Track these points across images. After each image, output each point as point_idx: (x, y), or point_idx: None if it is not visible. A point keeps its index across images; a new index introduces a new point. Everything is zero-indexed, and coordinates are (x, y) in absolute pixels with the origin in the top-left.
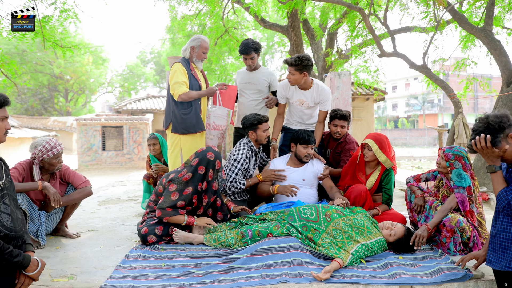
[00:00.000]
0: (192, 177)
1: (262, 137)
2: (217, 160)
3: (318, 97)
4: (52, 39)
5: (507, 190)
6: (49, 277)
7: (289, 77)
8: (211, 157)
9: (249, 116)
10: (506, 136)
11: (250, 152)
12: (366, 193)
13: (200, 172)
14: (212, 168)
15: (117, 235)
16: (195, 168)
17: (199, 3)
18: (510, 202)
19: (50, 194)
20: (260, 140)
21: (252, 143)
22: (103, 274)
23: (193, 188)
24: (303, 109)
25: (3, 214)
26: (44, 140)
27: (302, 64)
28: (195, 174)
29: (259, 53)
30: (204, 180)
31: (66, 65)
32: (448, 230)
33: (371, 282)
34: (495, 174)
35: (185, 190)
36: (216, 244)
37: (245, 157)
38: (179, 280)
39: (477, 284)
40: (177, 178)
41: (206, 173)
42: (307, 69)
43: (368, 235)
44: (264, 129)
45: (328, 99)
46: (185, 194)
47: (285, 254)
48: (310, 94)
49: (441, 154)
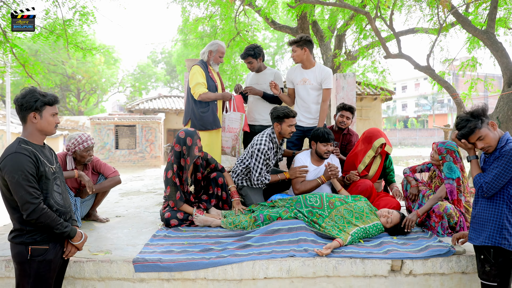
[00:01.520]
0: (172, 156)
1: (286, 131)
2: (188, 137)
3: (320, 75)
4: (74, 41)
5: (480, 175)
6: (88, 252)
7: (292, 55)
8: (182, 135)
9: (279, 107)
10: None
11: (272, 144)
12: (371, 188)
13: (177, 150)
14: (184, 144)
15: (142, 220)
16: (173, 147)
17: (212, 6)
18: (482, 185)
19: (85, 181)
20: (284, 133)
21: (276, 135)
22: (134, 250)
23: (177, 164)
24: (308, 89)
25: (55, 193)
26: (77, 135)
27: (302, 39)
28: (174, 152)
29: (260, 58)
30: (182, 157)
31: (78, 65)
32: (437, 215)
33: (367, 257)
34: (471, 163)
35: (173, 167)
36: (232, 227)
37: (267, 148)
38: (200, 254)
39: (459, 258)
40: (167, 164)
41: (181, 150)
42: (307, 45)
43: (366, 220)
44: (289, 123)
45: (329, 76)
46: (174, 171)
47: (293, 234)
48: (313, 73)
49: (435, 148)
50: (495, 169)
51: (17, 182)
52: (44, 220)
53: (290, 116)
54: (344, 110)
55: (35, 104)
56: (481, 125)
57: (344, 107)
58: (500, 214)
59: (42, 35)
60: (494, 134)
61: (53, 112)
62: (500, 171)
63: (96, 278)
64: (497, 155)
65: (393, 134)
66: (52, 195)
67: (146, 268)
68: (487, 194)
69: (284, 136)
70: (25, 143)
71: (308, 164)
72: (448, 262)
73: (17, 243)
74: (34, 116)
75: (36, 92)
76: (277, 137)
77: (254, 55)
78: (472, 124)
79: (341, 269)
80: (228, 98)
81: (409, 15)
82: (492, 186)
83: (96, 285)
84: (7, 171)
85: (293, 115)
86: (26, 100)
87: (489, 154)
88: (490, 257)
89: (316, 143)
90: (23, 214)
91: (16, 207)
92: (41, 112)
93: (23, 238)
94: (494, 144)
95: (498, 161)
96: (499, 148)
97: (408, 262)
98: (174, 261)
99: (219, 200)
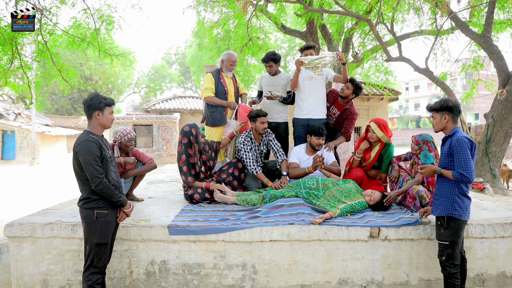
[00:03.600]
0: (181, 147)
1: (260, 128)
2: (192, 129)
3: (324, 72)
4: (103, 48)
5: (454, 171)
6: (132, 220)
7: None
8: (187, 129)
9: (252, 110)
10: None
11: (249, 138)
12: (363, 177)
13: (183, 142)
14: (192, 135)
15: (171, 200)
16: (180, 141)
17: (225, 8)
18: (461, 173)
19: (129, 162)
20: (258, 130)
21: (253, 131)
22: (167, 220)
23: (186, 154)
24: (314, 75)
25: (112, 172)
26: (122, 128)
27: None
28: (181, 144)
29: (278, 63)
30: (189, 146)
31: (96, 67)
32: (411, 196)
33: (351, 225)
34: (441, 173)
35: (182, 158)
36: (244, 203)
37: (243, 141)
38: (219, 222)
39: (425, 227)
40: (177, 155)
41: (189, 140)
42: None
43: (353, 198)
44: (261, 121)
45: (330, 70)
46: (183, 160)
47: (293, 209)
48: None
49: (413, 140)
50: (457, 159)
51: (88, 161)
52: (106, 191)
53: (261, 115)
54: (348, 83)
55: (99, 105)
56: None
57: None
58: (452, 192)
59: (75, 43)
60: (442, 122)
61: (111, 111)
62: (462, 158)
63: (139, 239)
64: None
65: (405, 134)
66: (110, 173)
67: (178, 232)
68: (472, 178)
69: (259, 131)
70: (91, 134)
71: (302, 155)
72: (416, 230)
73: (86, 208)
74: (98, 114)
75: (99, 96)
76: (253, 133)
77: (275, 60)
78: (438, 105)
79: (330, 234)
80: (233, 107)
81: (411, 20)
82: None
83: (139, 245)
84: (81, 154)
85: (263, 115)
86: (93, 102)
87: (442, 145)
88: (444, 222)
89: (310, 136)
90: (92, 186)
91: (85, 181)
92: (102, 111)
93: (90, 204)
94: (438, 129)
95: (455, 153)
96: (448, 137)
97: (383, 229)
98: (199, 227)
99: (235, 179)
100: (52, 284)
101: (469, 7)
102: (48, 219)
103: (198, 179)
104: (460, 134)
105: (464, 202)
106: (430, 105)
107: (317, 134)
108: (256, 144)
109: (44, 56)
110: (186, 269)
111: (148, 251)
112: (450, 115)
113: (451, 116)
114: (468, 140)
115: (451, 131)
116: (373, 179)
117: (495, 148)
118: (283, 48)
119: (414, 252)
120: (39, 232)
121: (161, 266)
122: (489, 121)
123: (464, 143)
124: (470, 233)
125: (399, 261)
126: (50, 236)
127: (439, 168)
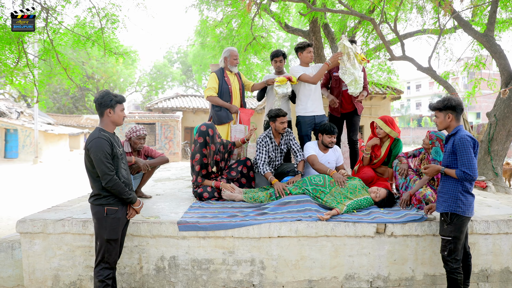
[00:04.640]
0: (195, 147)
1: (279, 127)
2: (209, 129)
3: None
4: (108, 47)
5: (457, 170)
6: (142, 216)
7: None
8: (203, 129)
9: (272, 109)
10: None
11: (268, 138)
12: (373, 177)
13: (199, 141)
14: (208, 135)
15: (178, 197)
16: (196, 140)
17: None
18: (464, 171)
19: (140, 165)
20: (278, 129)
21: (272, 131)
22: (176, 216)
23: (200, 154)
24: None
25: (122, 170)
26: (133, 125)
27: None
28: (196, 144)
29: (285, 60)
30: (204, 146)
31: (98, 65)
32: (416, 199)
33: (357, 221)
34: (445, 172)
35: (195, 156)
36: (252, 201)
37: (262, 141)
38: (228, 219)
39: (430, 224)
40: (191, 154)
41: (205, 140)
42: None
43: (358, 194)
44: (281, 121)
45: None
46: (196, 159)
47: (300, 205)
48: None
49: (427, 134)
50: (460, 158)
51: (99, 158)
52: (116, 188)
53: (281, 115)
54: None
55: (110, 102)
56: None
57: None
58: (456, 189)
59: (80, 41)
60: (445, 121)
61: (122, 108)
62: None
63: (149, 235)
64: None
65: (407, 133)
66: (120, 171)
67: (187, 228)
68: (475, 176)
69: (279, 131)
70: (103, 131)
71: (317, 152)
72: (422, 226)
73: (96, 204)
74: (110, 112)
75: (110, 93)
76: (273, 133)
77: (284, 55)
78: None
79: (337, 230)
80: (234, 110)
81: (415, 19)
82: (473, 168)
83: (149, 241)
84: (92, 151)
85: (283, 114)
86: (104, 99)
87: (445, 145)
88: (448, 219)
89: (322, 135)
90: (102, 183)
91: (96, 178)
92: (114, 108)
93: (101, 201)
94: (442, 127)
95: (458, 152)
96: (451, 135)
97: (390, 225)
98: (208, 223)
99: (243, 176)
100: (63, 280)
101: (472, 7)
102: (59, 215)
103: (208, 178)
104: (462, 133)
105: (467, 199)
106: (433, 104)
107: (329, 133)
108: (275, 143)
109: (50, 55)
110: (196, 264)
111: (158, 247)
112: (454, 113)
113: (454, 115)
114: (471, 139)
115: (454, 129)
116: (381, 175)
117: (497, 146)
118: (285, 47)
119: (420, 248)
120: (51, 228)
121: (171, 261)
122: (492, 120)
123: (467, 141)
124: (474, 229)
125: (404, 257)
126: (62, 232)
127: (443, 168)
